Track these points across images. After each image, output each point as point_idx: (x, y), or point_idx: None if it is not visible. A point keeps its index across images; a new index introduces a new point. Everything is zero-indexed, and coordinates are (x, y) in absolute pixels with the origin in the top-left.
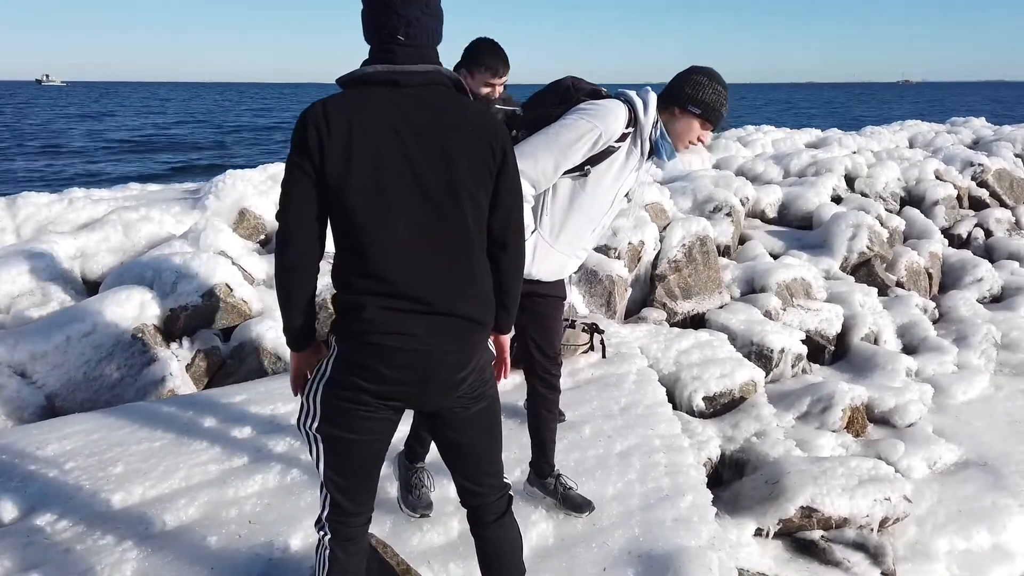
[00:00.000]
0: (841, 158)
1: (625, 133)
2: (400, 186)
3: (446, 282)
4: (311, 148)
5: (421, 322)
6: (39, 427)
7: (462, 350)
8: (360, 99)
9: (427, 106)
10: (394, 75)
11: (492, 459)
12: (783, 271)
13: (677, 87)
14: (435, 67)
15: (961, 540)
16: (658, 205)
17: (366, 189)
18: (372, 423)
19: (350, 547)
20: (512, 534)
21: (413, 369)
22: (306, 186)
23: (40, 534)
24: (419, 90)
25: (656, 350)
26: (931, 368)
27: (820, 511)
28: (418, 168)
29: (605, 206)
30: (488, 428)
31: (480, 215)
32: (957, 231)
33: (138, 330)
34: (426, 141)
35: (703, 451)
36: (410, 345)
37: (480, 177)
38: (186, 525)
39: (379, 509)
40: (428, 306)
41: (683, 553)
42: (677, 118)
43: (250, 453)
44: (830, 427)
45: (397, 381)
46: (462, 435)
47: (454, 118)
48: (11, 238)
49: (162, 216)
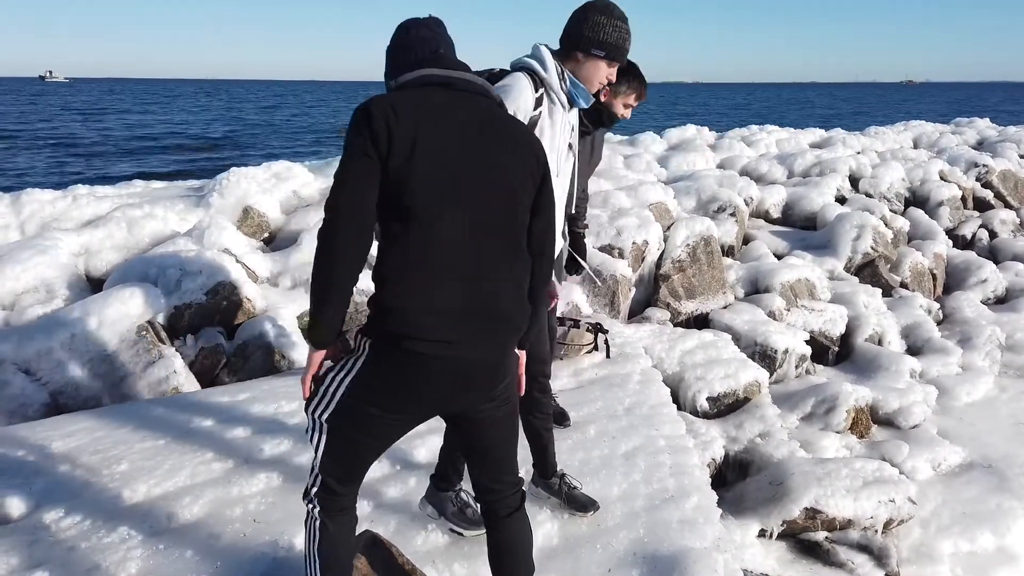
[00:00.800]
0: (845, 158)
1: (538, 98)
2: (466, 181)
3: (497, 284)
4: (378, 133)
5: (466, 327)
6: (43, 424)
7: (503, 356)
8: (422, 96)
9: (479, 112)
10: (449, 78)
11: (511, 456)
12: (787, 271)
13: (576, 31)
14: (483, 80)
15: (965, 542)
16: (662, 205)
17: (431, 180)
18: (388, 429)
19: (340, 517)
20: (524, 529)
21: (451, 378)
22: (368, 170)
23: (45, 531)
24: (471, 96)
25: (660, 350)
26: (935, 369)
27: (824, 512)
28: (483, 168)
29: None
30: (512, 429)
31: (526, 221)
32: (961, 232)
33: (142, 328)
34: (485, 144)
35: (707, 452)
36: (450, 352)
37: (526, 185)
38: (191, 523)
39: (383, 509)
40: (475, 309)
41: (688, 554)
42: (582, 64)
43: (254, 451)
44: (834, 428)
45: (432, 392)
46: (489, 437)
47: (505, 127)
48: (15, 235)
49: (166, 213)
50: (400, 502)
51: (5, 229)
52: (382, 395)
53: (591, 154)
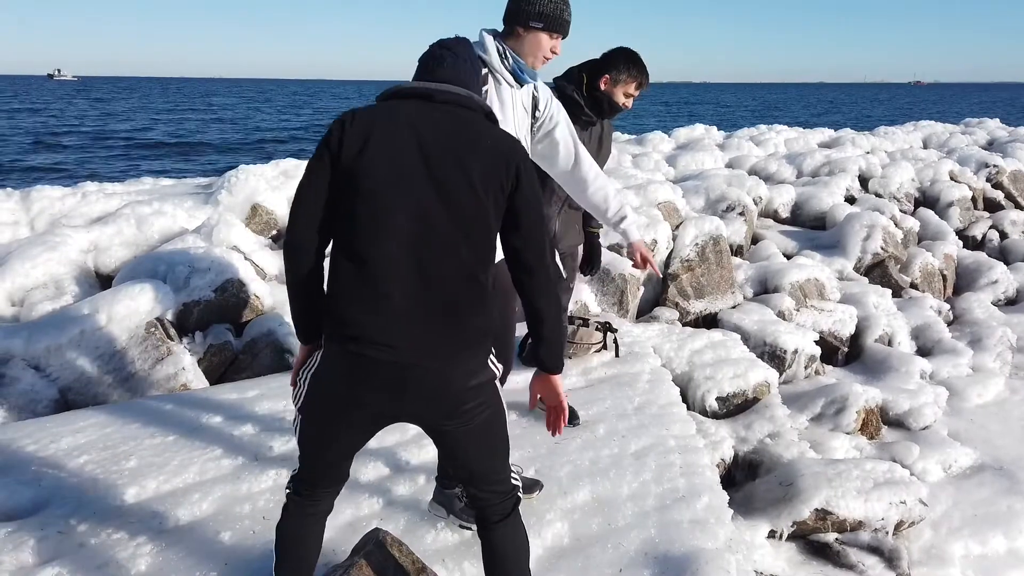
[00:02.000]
0: (855, 158)
1: (483, 78)
2: (408, 186)
3: (439, 292)
4: (332, 139)
5: (407, 333)
6: (53, 420)
7: (447, 367)
8: (390, 108)
9: (453, 122)
10: (429, 89)
11: (495, 469)
12: (796, 271)
13: (514, 6)
14: (469, 94)
15: (976, 544)
16: (671, 204)
17: (376, 186)
18: (339, 427)
19: (307, 506)
20: (517, 537)
21: (389, 383)
22: (319, 171)
23: (54, 527)
24: (451, 107)
25: (669, 349)
26: (946, 370)
27: (835, 513)
28: (429, 173)
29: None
30: (488, 444)
31: (485, 232)
32: (972, 233)
33: (151, 324)
34: (443, 152)
35: (716, 452)
36: (387, 357)
37: (491, 192)
38: (200, 520)
39: (392, 507)
40: (416, 317)
41: (700, 555)
42: (524, 38)
43: (263, 448)
44: (844, 429)
45: (370, 394)
46: (459, 450)
47: (475, 134)
48: (25, 231)
49: (175, 211)
50: (410, 500)
51: (15, 226)
52: (327, 392)
53: (599, 146)
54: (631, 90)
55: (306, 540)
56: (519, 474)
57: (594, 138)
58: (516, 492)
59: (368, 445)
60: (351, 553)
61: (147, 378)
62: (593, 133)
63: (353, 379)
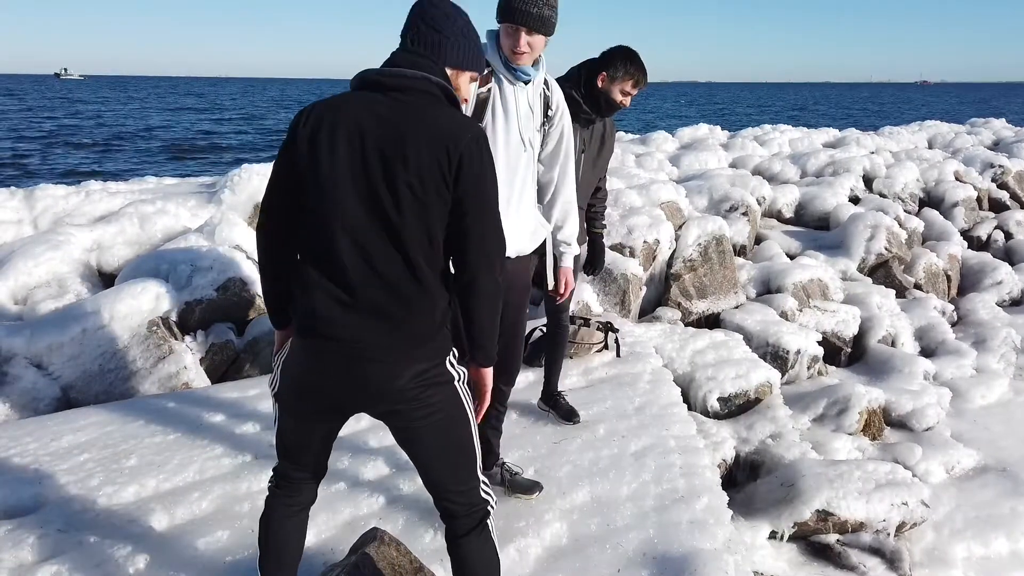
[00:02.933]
0: (859, 158)
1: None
2: (348, 184)
3: (375, 284)
4: (292, 130)
5: (348, 322)
6: (54, 419)
7: (388, 356)
8: (343, 100)
9: (402, 110)
10: (381, 78)
11: (457, 478)
12: (800, 272)
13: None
14: (423, 74)
15: (979, 546)
16: (674, 204)
17: (321, 176)
18: (309, 411)
19: (285, 498)
20: (481, 554)
21: (341, 372)
22: (283, 163)
23: (54, 525)
24: (402, 94)
25: (671, 350)
26: (949, 371)
27: (836, 515)
28: (367, 171)
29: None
30: (444, 450)
31: (425, 220)
32: (976, 233)
33: (153, 323)
34: (384, 143)
35: (717, 452)
36: (337, 349)
37: (430, 186)
38: (199, 519)
39: (391, 506)
40: (355, 307)
41: (699, 555)
42: (503, 33)
43: (263, 448)
44: (846, 430)
45: (326, 381)
46: (411, 449)
47: (420, 121)
48: (28, 230)
49: (178, 209)
50: (409, 500)
51: (18, 224)
52: (293, 381)
53: (601, 144)
54: (628, 88)
55: (288, 532)
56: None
57: (595, 136)
58: (484, 507)
59: (368, 444)
60: (349, 552)
61: (148, 376)
62: (595, 131)
63: (309, 368)
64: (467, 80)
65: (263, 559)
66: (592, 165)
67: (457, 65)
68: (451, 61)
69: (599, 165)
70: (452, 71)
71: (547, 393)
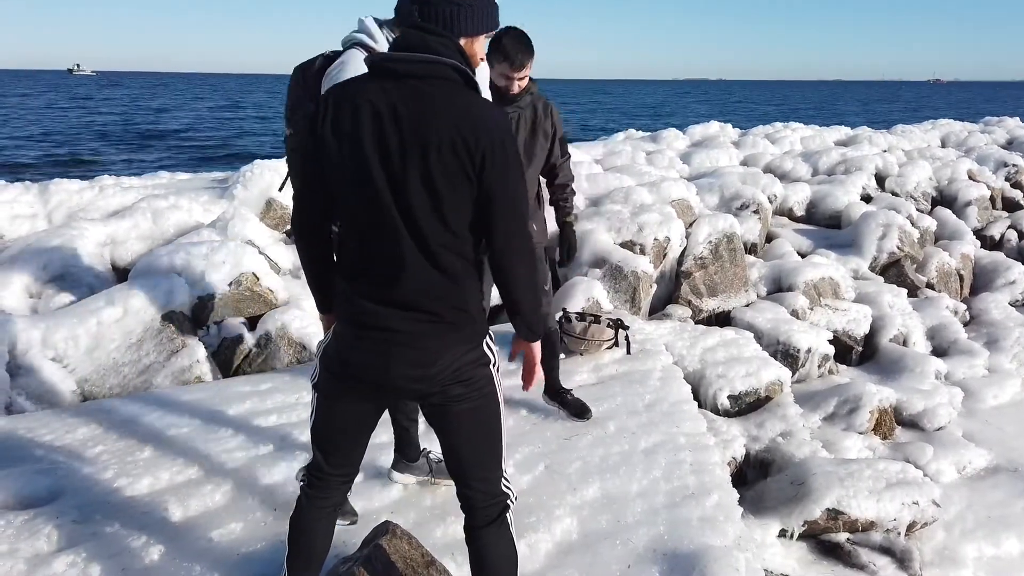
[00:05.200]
0: (871, 156)
1: None
2: (368, 170)
3: (406, 273)
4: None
5: (382, 311)
6: (69, 411)
7: (418, 341)
8: (358, 86)
9: (419, 99)
10: (394, 65)
11: (482, 464)
12: (811, 270)
13: None
14: (439, 59)
15: (990, 546)
16: (684, 202)
17: (340, 171)
18: (347, 399)
19: (318, 499)
20: (499, 547)
21: (373, 352)
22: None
23: (69, 516)
24: (418, 82)
25: (681, 347)
26: (961, 371)
27: (846, 514)
28: (382, 157)
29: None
30: (474, 429)
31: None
32: (990, 232)
33: (166, 317)
34: (401, 132)
35: (727, 450)
36: (370, 333)
37: (450, 173)
38: (212, 511)
39: (404, 500)
40: (388, 296)
41: (709, 552)
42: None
43: (275, 441)
44: (857, 429)
45: (359, 356)
46: (445, 433)
47: (440, 110)
48: (43, 224)
49: (191, 204)
50: (422, 494)
51: (33, 218)
52: (332, 366)
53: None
54: (506, 71)
55: (316, 533)
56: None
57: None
58: (504, 500)
59: (382, 439)
60: (361, 545)
61: (162, 370)
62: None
63: (348, 350)
64: (482, 42)
65: (292, 557)
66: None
67: (473, 33)
68: (467, 31)
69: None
70: (467, 39)
71: (552, 389)
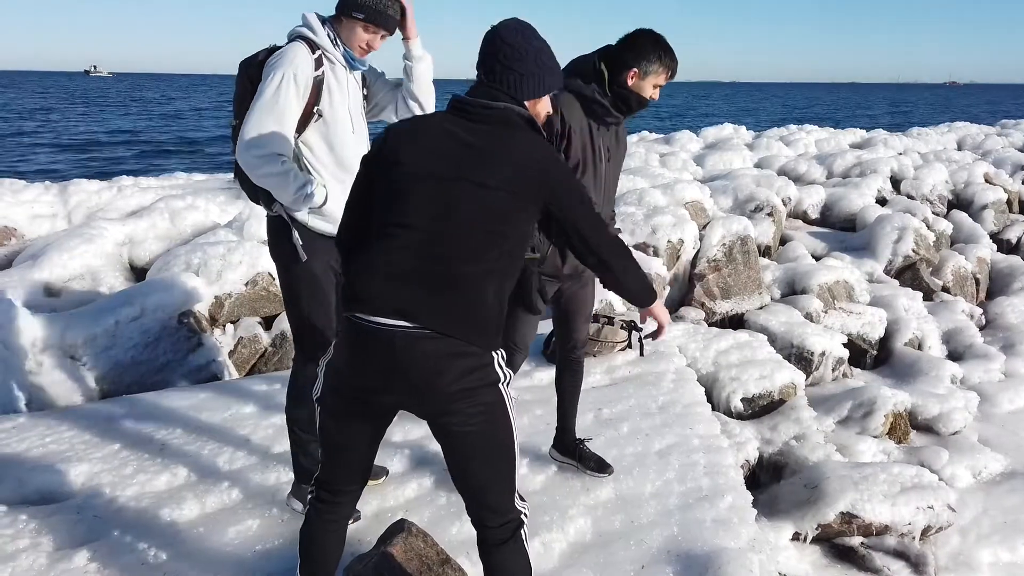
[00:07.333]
0: (887, 159)
1: (317, 59)
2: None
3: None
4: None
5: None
6: (88, 408)
7: (431, 360)
8: (436, 116)
9: (483, 132)
10: (466, 107)
11: (492, 485)
12: (825, 273)
13: None
14: (507, 106)
15: (1006, 552)
16: (698, 203)
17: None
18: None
19: (327, 512)
20: (517, 561)
21: (378, 357)
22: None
23: (88, 512)
24: (484, 123)
25: (694, 349)
26: (977, 375)
27: (860, 517)
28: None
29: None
30: (483, 450)
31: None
32: (1006, 236)
33: (184, 316)
34: (463, 156)
35: (741, 452)
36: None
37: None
38: (230, 508)
39: (418, 499)
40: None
41: (723, 554)
42: (344, 26)
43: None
44: (871, 432)
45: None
46: (450, 451)
47: (501, 141)
48: (63, 223)
49: (208, 205)
50: (435, 493)
51: (53, 218)
52: (334, 373)
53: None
54: (661, 81)
55: (327, 545)
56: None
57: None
58: (518, 518)
59: (394, 438)
60: (376, 543)
61: (179, 368)
62: (620, 133)
63: (353, 358)
64: (545, 102)
65: (304, 566)
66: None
67: (535, 96)
68: (529, 95)
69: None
70: (531, 102)
71: (565, 441)
